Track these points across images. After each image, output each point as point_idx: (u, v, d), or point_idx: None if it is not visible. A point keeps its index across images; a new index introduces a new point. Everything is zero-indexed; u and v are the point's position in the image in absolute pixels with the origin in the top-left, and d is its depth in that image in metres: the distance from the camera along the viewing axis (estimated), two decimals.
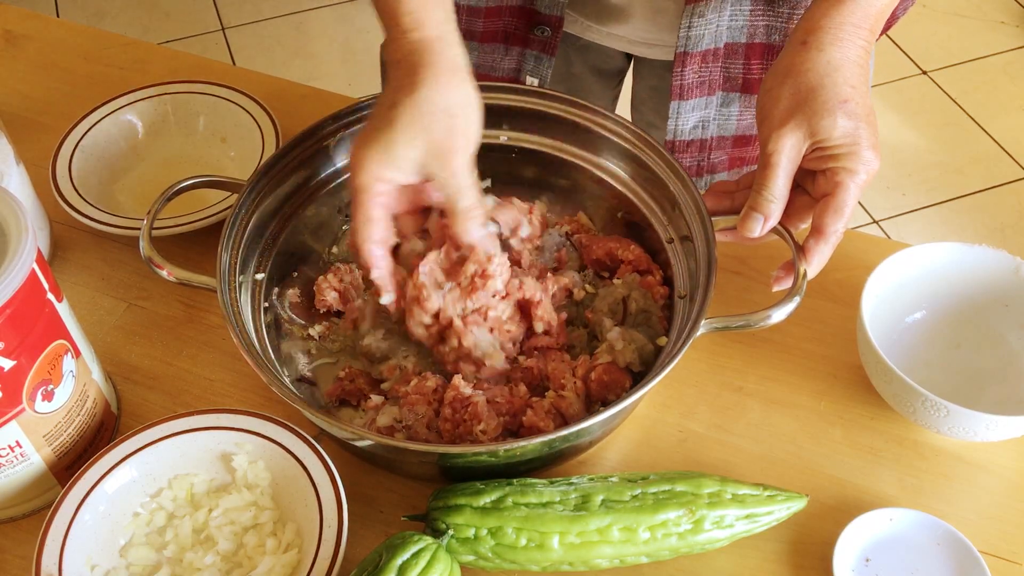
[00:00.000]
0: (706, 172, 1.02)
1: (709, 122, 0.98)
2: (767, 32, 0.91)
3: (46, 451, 0.70)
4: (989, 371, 0.79)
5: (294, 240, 0.83)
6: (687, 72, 0.92)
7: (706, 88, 0.95)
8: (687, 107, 0.95)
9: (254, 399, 0.80)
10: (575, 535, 0.65)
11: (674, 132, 0.97)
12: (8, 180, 0.83)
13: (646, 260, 0.82)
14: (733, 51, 0.93)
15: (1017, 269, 0.78)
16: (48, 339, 0.67)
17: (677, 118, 0.96)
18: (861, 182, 0.71)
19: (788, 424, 0.78)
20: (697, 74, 0.93)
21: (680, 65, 0.92)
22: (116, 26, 2.73)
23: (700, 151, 1.00)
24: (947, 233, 2.19)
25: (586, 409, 0.74)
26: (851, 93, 0.70)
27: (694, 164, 1.01)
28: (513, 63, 0.99)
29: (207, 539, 0.70)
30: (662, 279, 0.81)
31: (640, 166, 0.82)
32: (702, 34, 0.90)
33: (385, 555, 0.63)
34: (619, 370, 0.75)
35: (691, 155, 1.00)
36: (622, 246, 0.82)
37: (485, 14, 0.96)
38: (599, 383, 0.74)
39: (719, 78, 0.95)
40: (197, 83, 1.01)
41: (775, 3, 0.90)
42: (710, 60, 0.92)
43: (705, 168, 1.02)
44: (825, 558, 0.70)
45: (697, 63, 0.92)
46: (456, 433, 0.72)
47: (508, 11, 0.96)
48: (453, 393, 0.72)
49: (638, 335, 0.77)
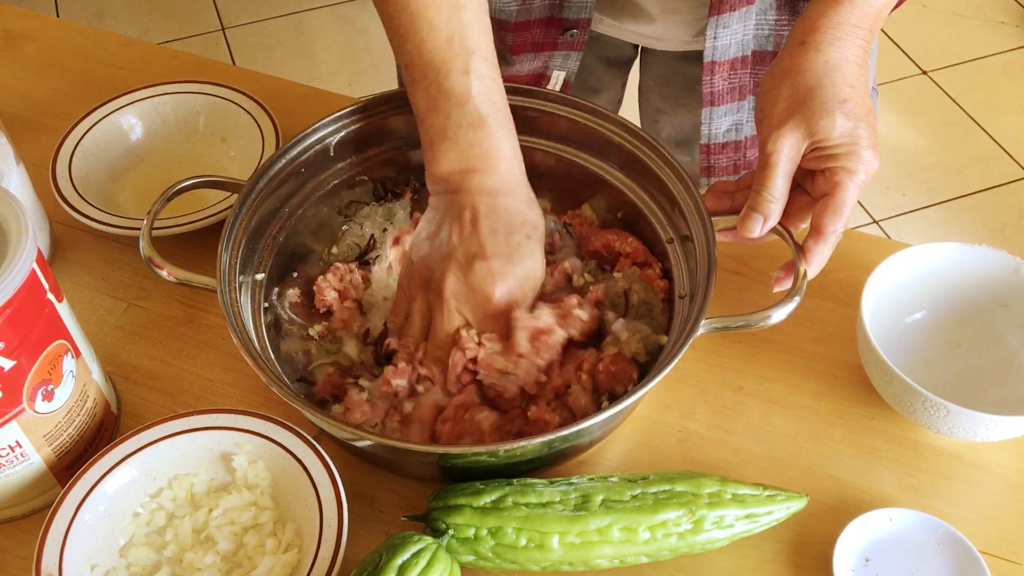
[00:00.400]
0: (743, 168, 1.03)
1: (743, 124, 0.99)
2: None
3: (46, 451, 0.70)
4: (989, 371, 0.79)
5: (294, 240, 0.83)
6: (716, 80, 0.93)
7: (737, 94, 0.95)
8: (719, 112, 0.96)
9: (254, 399, 0.80)
10: (575, 535, 0.65)
11: (708, 137, 0.98)
12: (8, 180, 0.83)
13: (644, 252, 0.82)
14: (761, 59, 0.94)
15: (1017, 269, 0.78)
16: (48, 339, 0.67)
17: (710, 123, 0.97)
18: (860, 182, 0.71)
19: (788, 424, 0.78)
20: (727, 81, 0.94)
21: (709, 74, 0.93)
22: (116, 26, 2.73)
23: (736, 151, 1.01)
24: (947, 233, 2.19)
25: (593, 402, 0.74)
26: (850, 93, 0.70)
27: (731, 164, 1.01)
28: (541, 63, 0.99)
29: (207, 539, 0.70)
30: (661, 272, 0.81)
31: (640, 166, 0.82)
32: (728, 43, 0.90)
33: (385, 555, 0.63)
34: (626, 360, 0.75)
35: (727, 155, 1.00)
36: (620, 239, 0.82)
37: (515, 28, 0.96)
38: (607, 374, 0.74)
39: (749, 83, 0.95)
40: (197, 83, 1.01)
41: (798, 13, 0.90)
42: (739, 67, 0.93)
43: (742, 165, 1.02)
44: (825, 558, 0.70)
45: (726, 71, 0.93)
46: (455, 432, 0.72)
47: (537, 24, 0.96)
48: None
49: (642, 326, 0.77)
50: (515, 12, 0.94)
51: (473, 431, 0.72)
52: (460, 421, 0.72)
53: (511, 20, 0.96)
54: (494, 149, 0.73)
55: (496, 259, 0.72)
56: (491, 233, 0.72)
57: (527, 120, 0.85)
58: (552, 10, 0.95)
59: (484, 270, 0.72)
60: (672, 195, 0.79)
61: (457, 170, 0.73)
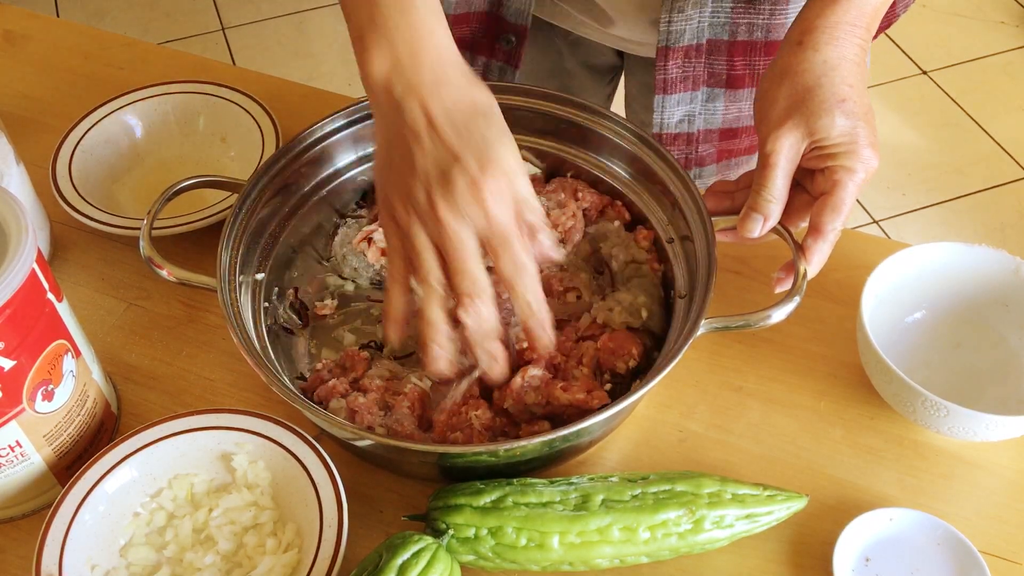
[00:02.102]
0: (695, 164, 1.03)
1: (695, 116, 0.98)
2: (749, 30, 0.92)
3: (46, 451, 0.70)
4: (989, 371, 0.79)
5: (294, 240, 0.83)
6: (670, 67, 0.93)
7: (690, 83, 0.95)
8: (671, 101, 0.95)
9: (254, 399, 0.80)
10: (575, 535, 0.65)
11: (660, 126, 0.97)
12: (8, 180, 0.83)
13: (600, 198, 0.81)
14: (716, 48, 0.93)
15: (1017, 269, 0.78)
16: (48, 339, 0.67)
17: (662, 112, 0.96)
18: (860, 181, 0.71)
19: (788, 424, 0.78)
20: (680, 69, 0.93)
21: (662, 59, 0.92)
22: (116, 26, 2.73)
23: (688, 144, 1.00)
24: (947, 233, 2.19)
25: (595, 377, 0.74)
26: (849, 92, 0.70)
27: (682, 157, 1.01)
28: (478, 72, 0.99)
29: (207, 539, 0.70)
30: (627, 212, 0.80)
31: (640, 166, 0.82)
32: (683, 29, 0.90)
33: (385, 555, 0.63)
34: (624, 335, 0.75)
35: (678, 148, 1.00)
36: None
37: (452, 20, 0.95)
38: (605, 351, 0.74)
39: (703, 74, 0.95)
40: (197, 83, 1.01)
41: (756, 1, 0.90)
42: (693, 56, 0.92)
43: (694, 161, 1.02)
44: (825, 558, 0.70)
45: (680, 58, 0.92)
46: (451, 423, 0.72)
47: (475, 18, 0.95)
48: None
49: (625, 295, 0.77)
50: (454, 4, 0.93)
51: (465, 427, 0.71)
52: (457, 413, 0.72)
53: (449, 11, 0.94)
54: (428, 33, 0.65)
55: (472, 160, 0.63)
56: (455, 133, 0.64)
57: (526, 119, 0.85)
58: (491, 5, 0.94)
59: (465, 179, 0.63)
60: (672, 195, 0.79)
61: (392, 69, 0.65)
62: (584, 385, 0.71)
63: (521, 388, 0.71)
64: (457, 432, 0.71)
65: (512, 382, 0.71)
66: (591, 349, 0.75)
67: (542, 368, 0.72)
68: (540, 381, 0.71)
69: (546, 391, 0.71)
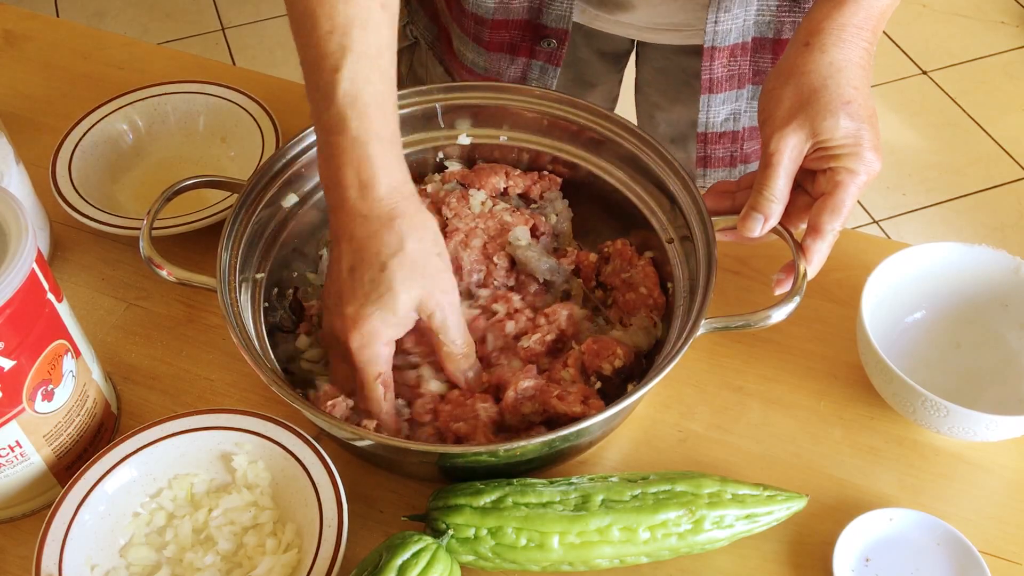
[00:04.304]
0: (740, 162, 1.02)
1: (741, 114, 0.98)
2: (793, 28, 0.92)
3: (46, 451, 0.70)
4: (989, 371, 0.79)
5: (294, 240, 0.83)
6: (715, 66, 0.93)
7: (735, 82, 0.95)
8: (717, 100, 0.96)
9: (254, 399, 0.80)
10: (575, 535, 0.65)
11: (706, 125, 0.97)
12: (8, 180, 0.83)
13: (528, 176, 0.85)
14: (761, 46, 0.93)
15: (1017, 269, 0.78)
16: (48, 339, 0.67)
17: (708, 111, 0.96)
18: (861, 183, 0.71)
19: (788, 424, 0.78)
20: (726, 68, 0.93)
21: (709, 59, 0.92)
22: (116, 26, 2.73)
23: (733, 142, 1.00)
24: (947, 233, 2.19)
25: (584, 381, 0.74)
26: (854, 94, 0.70)
27: (727, 155, 1.01)
28: (519, 71, 0.99)
29: (207, 539, 0.70)
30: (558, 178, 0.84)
31: (640, 166, 0.82)
32: (729, 28, 0.90)
33: (385, 555, 0.63)
34: (605, 339, 0.75)
35: (724, 146, 1.00)
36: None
37: (492, 25, 0.96)
38: (589, 353, 0.74)
39: (748, 72, 0.95)
40: (197, 83, 1.01)
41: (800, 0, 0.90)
42: (739, 54, 0.93)
43: (739, 158, 1.02)
44: (825, 558, 0.70)
45: (725, 57, 0.92)
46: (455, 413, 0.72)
47: (515, 24, 0.96)
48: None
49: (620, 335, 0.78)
50: (492, 10, 0.94)
51: (471, 418, 0.71)
52: (461, 405, 0.72)
53: (488, 17, 0.95)
54: (357, 160, 0.67)
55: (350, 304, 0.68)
56: (349, 272, 0.68)
57: (524, 119, 0.85)
58: (531, 13, 0.94)
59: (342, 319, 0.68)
60: (672, 194, 0.79)
61: (327, 181, 0.69)
62: (580, 394, 0.71)
63: (516, 400, 0.71)
64: (460, 423, 0.71)
65: (505, 396, 0.71)
66: (575, 352, 0.75)
67: (533, 377, 0.72)
68: (534, 390, 0.71)
69: (542, 399, 0.71)
